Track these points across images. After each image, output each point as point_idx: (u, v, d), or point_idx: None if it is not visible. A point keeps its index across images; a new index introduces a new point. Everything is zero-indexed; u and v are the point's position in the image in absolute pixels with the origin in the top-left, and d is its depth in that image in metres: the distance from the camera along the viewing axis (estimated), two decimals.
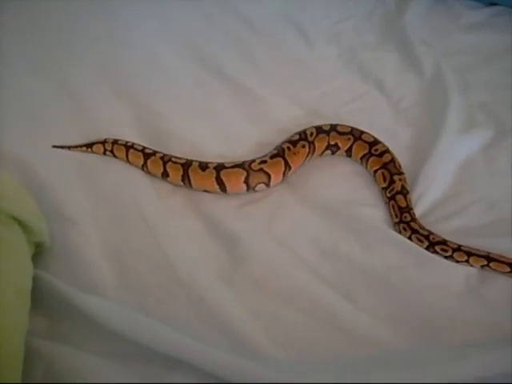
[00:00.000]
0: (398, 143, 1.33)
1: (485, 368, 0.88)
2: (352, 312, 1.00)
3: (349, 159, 1.31)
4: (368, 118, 1.40)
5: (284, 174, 1.22)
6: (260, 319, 0.98)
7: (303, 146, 1.26)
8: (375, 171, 1.24)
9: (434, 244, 1.09)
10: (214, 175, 1.18)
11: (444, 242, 1.09)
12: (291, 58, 1.61)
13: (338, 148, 1.29)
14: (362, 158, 1.27)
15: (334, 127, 1.29)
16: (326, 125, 1.30)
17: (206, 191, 1.20)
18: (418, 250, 1.09)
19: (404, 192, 1.18)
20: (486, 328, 0.98)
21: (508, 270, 1.05)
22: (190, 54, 1.58)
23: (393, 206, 1.16)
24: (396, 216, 1.15)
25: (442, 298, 1.02)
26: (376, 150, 1.26)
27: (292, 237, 1.12)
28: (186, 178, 1.19)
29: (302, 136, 1.27)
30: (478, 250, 1.07)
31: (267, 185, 1.21)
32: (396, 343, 0.96)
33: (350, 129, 1.29)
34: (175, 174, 1.20)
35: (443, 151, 1.27)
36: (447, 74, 1.50)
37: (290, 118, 1.39)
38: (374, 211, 1.19)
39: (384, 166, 1.23)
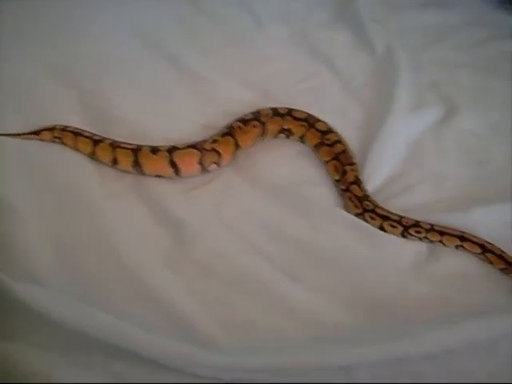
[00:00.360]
0: (348, 122, 1.32)
1: (433, 344, 0.89)
2: (300, 293, 0.99)
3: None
4: (318, 98, 1.39)
5: (234, 153, 1.20)
6: (207, 304, 0.97)
7: (254, 126, 1.24)
8: (327, 162, 1.22)
9: (407, 228, 1.08)
10: (167, 158, 1.15)
11: (417, 224, 1.08)
12: (240, 38, 1.58)
13: (292, 133, 1.27)
14: (315, 147, 1.25)
15: (290, 111, 1.27)
16: (283, 108, 1.28)
17: (158, 176, 1.17)
18: (367, 227, 1.09)
19: (358, 182, 1.16)
20: (435, 304, 0.99)
21: (479, 251, 1.05)
22: (136, 38, 1.52)
23: (350, 198, 1.14)
24: (357, 207, 1.13)
25: (392, 275, 1.03)
26: (328, 139, 1.23)
27: (239, 219, 1.11)
28: (136, 163, 1.16)
29: (256, 116, 1.25)
30: (451, 229, 1.07)
31: (218, 164, 1.19)
32: (345, 322, 0.95)
33: (305, 115, 1.27)
34: (125, 161, 1.16)
35: (392, 130, 1.27)
36: (398, 52, 1.50)
37: (238, 99, 1.36)
38: (322, 191, 1.18)
39: (336, 156, 1.21)
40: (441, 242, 1.07)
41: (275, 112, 1.27)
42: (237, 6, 1.67)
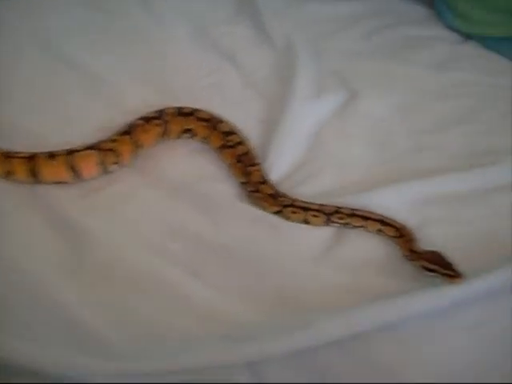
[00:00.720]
0: (250, 116, 1.30)
1: (340, 330, 0.88)
2: (201, 290, 0.95)
3: None
4: (220, 93, 1.37)
5: (134, 152, 1.17)
6: (106, 310, 0.92)
7: (157, 125, 1.20)
8: (230, 165, 1.18)
9: (329, 215, 1.07)
10: (66, 162, 1.10)
11: (338, 210, 1.07)
12: (140, 37, 1.52)
13: (195, 134, 1.23)
14: (218, 149, 1.21)
15: (194, 112, 1.24)
16: (188, 108, 1.24)
17: (57, 183, 1.11)
18: (270, 219, 1.07)
19: (265, 180, 1.13)
20: (341, 290, 0.97)
21: (396, 234, 1.04)
22: (31, 41, 1.45)
23: (263, 198, 1.11)
24: (273, 205, 1.09)
25: (298, 265, 1.00)
26: (230, 140, 1.20)
27: (138, 221, 1.06)
28: (33, 172, 1.09)
29: (160, 115, 1.22)
30: (372, 213, 1.07)
31: (119, 164, 1.15)
32: (249, 317, 0.92)
33: (209, 116, 1.23)
34: (21, 170, 1.10)
35: (293, 119, 1.26)
36: (299, 44, 1.48)
37: (141, 99, 1.31)
38: (223, 186, 1.14)
39: (239, 158, 1.17)
40: (362, 226, 1.06)
41: (180, 111, 1.23)
42: (136, 4, 1.61)
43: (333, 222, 1.07)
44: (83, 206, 1.08)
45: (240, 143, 1.19)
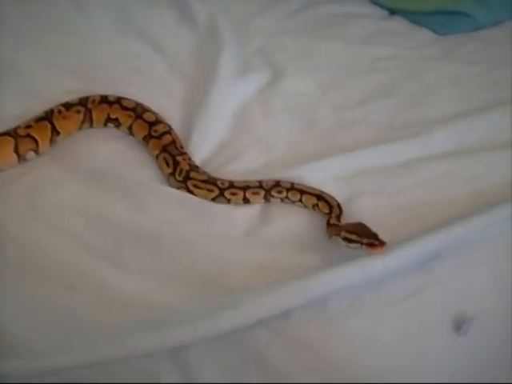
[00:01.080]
0: (173, 98, 1.28)
1: (267, 309, 0.85)
2: (123, 278, 0.91)
3: None
4: (143, 77, 1.33)
5: (51, 139, 1.12)
6: (20, 305, 0.87)
7: (78, 112, 1.16)
8: (156, 156, 1.13)
9: (269, 190, 1.05)
10: None
11: (278, 184, 1.05)
12: (63, 26, 1.47)
13: (120, 123, 1.18)
14: (143, 139, 1.16)
15: (119, 100, 1.19)
16: (113, 96, 1.20)
17: None
18: (194, 201, 1.04)
19: (195, 168, 1.09)
20: (268, 268, 0.95)
21: (327, 211, 1.01)
22: None
23: (196, 186, 1.06)
24: (210, 191, 1.05)
25: (224, 246, 0.97)
26: (156, 131, 1.15)
27: (55, 211, 1.01)
28: None
29: (83, 102, 1.17)
30: (311, 188, 1.05)
31: (36, 152, 1.10)
32: (173, 302, 0.88)
33: (134, 104, 1.18)
34: None
35: (216, 99, 1.23)
36: (222, 24, 1.46)
37: (65, 89, 1.25)
38: (143, 171, 1.10)
39: (164, 149, 1.12)
40: (300, 201, 1.04)
41: (104, 99, 1.19)
42: None
43: (272, 196, 1.05)
44: None
45: (166, 133, 1.15)
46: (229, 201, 1.05)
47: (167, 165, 1.10)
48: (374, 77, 1.38)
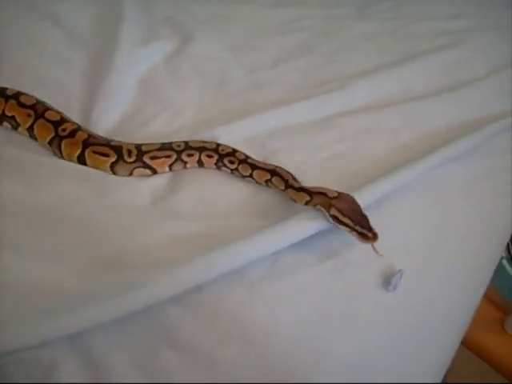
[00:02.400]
0: (73, 70, 1.17)
1: (177, 285, 0.77)
2: (21, 263, 0.80)
3: None
4: (40, 50, 1.22)
5: None
6: None
7: None
8: (79, 157, 0.97)
9: (223, 156, 0.97)
10: None
11: (233, 154, 0.97)
12: None
13: (18, 123, 1.01)
14: (50, 143, 0.99)
15: (18, 95, 1.02)
16: (11, 89, 1.03)
17: None
18: (94, 174, 0.94)
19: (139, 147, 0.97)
20: (178, 241, 0.86)
21: (283, 187, 0.92)
22: None
23: (148, 166, 0.97)
24: (162, 164, 0.97)
25: (126, 218, 0.88)
26: (64, 129, 0.98)
27: None
28: None
29: None
30: (266, 164, 0.96)
31: None
32: (73, 284, 0.78)
33: (34, 101, 1.01)
34: None
35: (119, 67, 1.15)
36: None
37: None
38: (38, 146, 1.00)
39: (86, 145, 0.96)
40: (251, 176, 0.95)
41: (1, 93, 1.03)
42: None
43: (224, 165, 0.97)
44: None
45: (78, 129, 1.00)
46: (184, 166, 0.97)
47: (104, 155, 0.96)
48: (287, 38, 1.34)
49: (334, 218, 0.84)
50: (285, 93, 1.16)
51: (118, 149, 0.95)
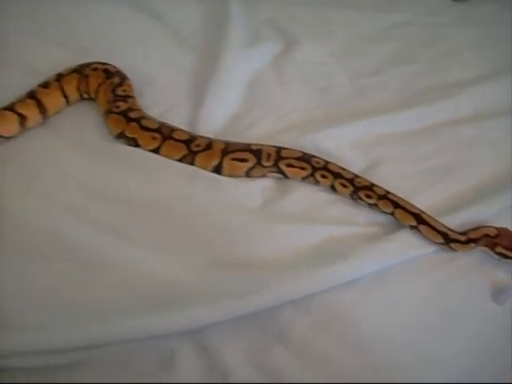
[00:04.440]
0: (180, 71, 1.22)
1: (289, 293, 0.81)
2: (131, 252, 0.86)
3: None
4: (147, 50, 1.27)
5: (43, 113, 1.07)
6: (20, 284, 0.82)
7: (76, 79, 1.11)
8: (215, 169, 0.99)
9: (358, 189, 0.95)
10: None
11: (370, 187, 0.94)
12: None
13: (139, 145, 1.02)
14: (180, 160, 1.00)
15: (138, 119, 1.03)
16: (134, 112, 1.05)
17: None
18: (204, 174, 0.98)
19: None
20: (286, 242, 0.90)
21: (441, 241, 0.89)
22: None
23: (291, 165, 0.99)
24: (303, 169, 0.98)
25: (236, 217, 0.92)
26: (198, 145, 1.00)
27: (57, 187, 0.95)
28: None
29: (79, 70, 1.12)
30: (406, 202, 0.92)
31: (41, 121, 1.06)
32: (188, 279, 0.83)
33: (157, 125, 1.03)
34: None
35: (226, 70, 1.18)
36: None
37: (56, 61, 1.17)
38: None
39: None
40: (392, 214, 0.93)
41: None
42: None
43: (360, 199, 0.95)
44: None
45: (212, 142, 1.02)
46: (317, 183, 0.98)
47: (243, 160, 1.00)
48: (390, 44, 1.32)
49: (500, 254, 0.87)
50: (390, 100, 1.16)
51: (257, 153, 0.98)
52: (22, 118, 1.03)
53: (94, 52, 1.22)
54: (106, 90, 1.08)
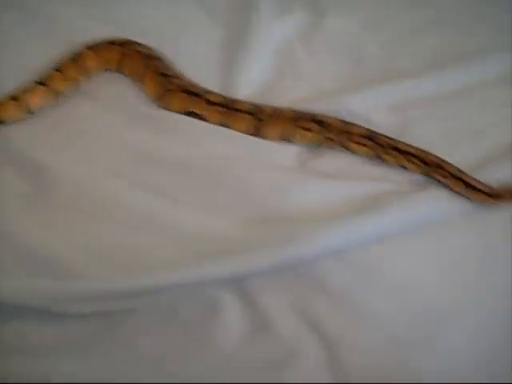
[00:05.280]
0: (211, 44, 1.23)
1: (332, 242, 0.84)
2: (175, 211, 0.91)
3: None
4: (180, 24, 1.28)
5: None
6: (76, 242, 0.87)
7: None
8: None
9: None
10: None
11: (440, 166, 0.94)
12: None
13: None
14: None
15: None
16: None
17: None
18: (243, 136, 1.01)
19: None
20: (328, 199, 0.92)
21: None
22: None
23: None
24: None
25: (272, 175, 0.96)
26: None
27: (99, 149, 0.99)
28: None
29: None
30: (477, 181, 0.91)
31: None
32: (229, 232, 0.88)
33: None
34: None
35: (257, 41, 1.19)
36: None
37: (90, 35, 1.19)
38: None
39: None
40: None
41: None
42: None
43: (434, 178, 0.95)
44: (37, 142, 1.01)
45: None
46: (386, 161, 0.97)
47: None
48: (423, 10, 1.31)
49: None
50: (420, 63, 1.16)
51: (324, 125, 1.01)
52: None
53: (128, 28, 1.24)
54: (153, 72, 1.10)
